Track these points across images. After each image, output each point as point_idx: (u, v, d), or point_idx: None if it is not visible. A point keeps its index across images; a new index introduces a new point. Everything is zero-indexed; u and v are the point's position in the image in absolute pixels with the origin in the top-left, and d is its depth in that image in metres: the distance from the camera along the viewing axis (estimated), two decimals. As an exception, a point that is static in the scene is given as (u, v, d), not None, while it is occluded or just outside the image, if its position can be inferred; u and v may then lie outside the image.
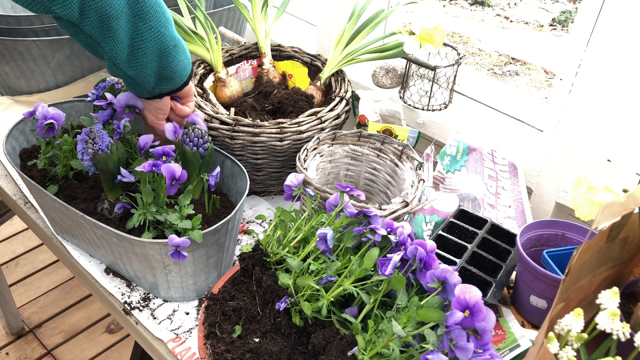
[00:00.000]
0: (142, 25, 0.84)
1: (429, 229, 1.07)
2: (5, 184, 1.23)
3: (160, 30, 0.86)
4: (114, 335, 2.01)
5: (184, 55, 0.93)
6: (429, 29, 1.18)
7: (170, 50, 0.89)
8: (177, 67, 0.92)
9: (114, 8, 0.80)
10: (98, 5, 0.78)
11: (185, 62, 0.94)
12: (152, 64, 0.88)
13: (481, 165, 1.19)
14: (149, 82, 0.91)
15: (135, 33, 0.84)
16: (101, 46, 0.84)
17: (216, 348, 0.75)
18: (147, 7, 0.83)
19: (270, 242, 0.85)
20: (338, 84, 1.24)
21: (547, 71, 3.70)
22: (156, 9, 0.85)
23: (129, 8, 0.82)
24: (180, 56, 0.91)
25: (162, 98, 0.96)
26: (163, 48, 0.88)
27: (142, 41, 0.85)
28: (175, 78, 0.93)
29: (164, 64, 0.89)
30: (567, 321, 0.58)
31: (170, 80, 0.93)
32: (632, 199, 0.62)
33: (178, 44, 0.90)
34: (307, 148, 1.05)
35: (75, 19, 0.79)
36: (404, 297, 0.74)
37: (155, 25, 0.85)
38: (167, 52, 0.88)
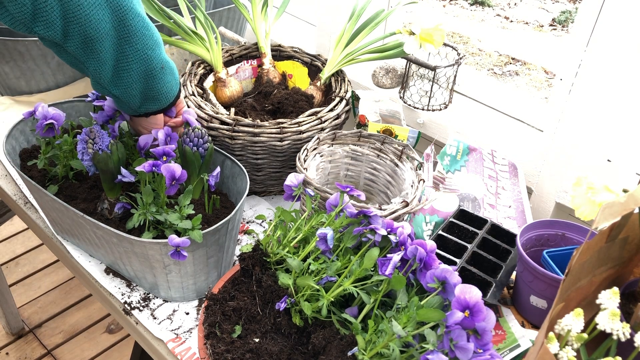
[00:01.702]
0: (128, 47, 0.82)
1: (429, 229, 1.07)
2: (5, 184, 1.23)
3: (147, 53, 0.85)
4: (114, 335, 2.01)
5: (172, 77, 0.91)
6: (429, 29, 1.18)
7: (157, 73, 0.88)
8: (164, 89, 0.91)
9: (98, 31, 0.78)
10: (82, 28, 0.77)
11: (172, 83, 0.93)
12: (138, 85, 0.88)
13: (481, 165, 1.19)
14: (134, 102, 0.90)
15: (121, 55, 0.83)
16: (85, 66, 0.83)
17: (216, 348, 0.75)
18: (133, 30, 0.81)
19: (270, 242, 0.85)
20: (338, 84, 1.24)
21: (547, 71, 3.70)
22: (143, 32, 0.83)
23: (115, 31, 0.80)
24: (167, 77, 0.90)
25: (148, 117, 0.95)
26: (149, 70, 0.86)
27: (127, 63, 0.84)
28: (162, 99, 0.92)
29: (149, 85, 0.89)
30: (567, 321, 0.58)
31: (156, 101, 0.92)
32: (632, 199, 0.62)
33: (165, 65, 0.89)
34: (307, 148, 1.05)
35: (58, 40, 0.78)
36: (404, 297, 0.74)
37: (141, 48, 0.84)
38: (153, 74, 0.87)
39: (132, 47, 0.83)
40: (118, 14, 0.79)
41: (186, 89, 1.17)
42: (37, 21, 0.75)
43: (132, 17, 0.81)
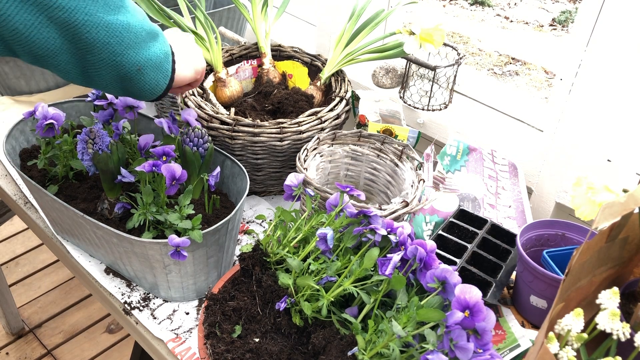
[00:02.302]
0: (91, 57, 0.75)
1: (429, 229, 1.07)
2: (5, 184, 1.23)
3: (116, 59, 0.77)
4: (114, 335, 2.01)
5: (154, 74, 0.83)
6: (429, 29, 1.18)
7: (133, 75, 0.80)
8: (144, 87, 0.83)
9: (47, 49, 0.71)
10: (26, 48, 0.71)
11: (156, 80, 0.84)
12: (114, 85, 0.81)
13: (481, 165, 1.19)
14: (121, 95, 0.85)
15: (86, 62, 0.76)
16: (51, 71, 0.77)
17: (216, 348, 0.75)
18: (93, 42, 0.73)
19: (270, 242, 0.85)
20: (338, 84, 1.24)
21: (547, 71, 3.70)
22: (107, 40, 0.75)
23: (71, 44, 0.72)
24: (147, 77, 0.82)
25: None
26: (123, 74, 0.79)
27: (95, 69, 0.77)
28: (145, 96, 0.85)
29: (127, 86, 0.82)
30: (567, 321, 0.58)
31: (141, 97, 0.86)
32: (632, 199, 0.62)
33: (144, 66, 0.80)
34: (307, 148, 1.05)
35: (7, 55, 0.73)
36: (404, 297, 0.74)
37: (107, 56, 0.76)
38: (128, 77, 0.80)
39: (96, 56, 0.75)
40: (67, 31, 0.71)
41: (186, 89, 1.17)
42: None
43: (88, 30, 0.72)
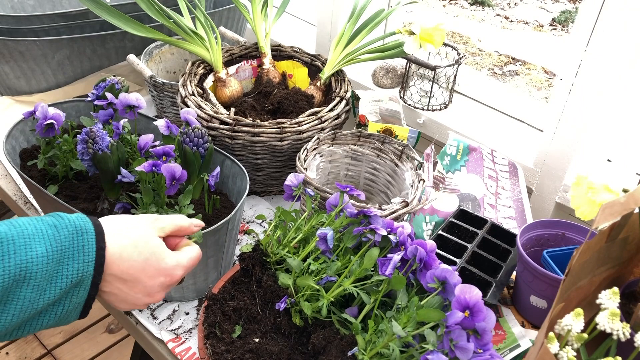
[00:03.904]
0: None
1: (429, 229, 1.07)
2: (5, 184, 1.23)
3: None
4: (114, 335, 2.00)
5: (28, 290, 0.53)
6: (429, 29, 1.18)
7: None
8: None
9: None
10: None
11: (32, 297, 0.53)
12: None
13: (481, 165, 1.19)
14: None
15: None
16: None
17: (216, 348, 0.75)
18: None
19: (270, 242, 0.85)
20: (338, 84, 1.24)
21: (547, 71, 3.70)
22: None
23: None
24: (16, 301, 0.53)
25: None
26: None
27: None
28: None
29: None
30: (567, 321, 0.58)
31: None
32: (632, 199, 0.62)
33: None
34: (307, 148, 1.05)
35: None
36: (404, 297, 0.74)
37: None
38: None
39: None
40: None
41: (186, 89, 1.17)
42: None
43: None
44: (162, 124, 0.97)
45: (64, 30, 1.39)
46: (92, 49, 1.40)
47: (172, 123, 1.00)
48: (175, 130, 1.00)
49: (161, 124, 0.97)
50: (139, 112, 1.07)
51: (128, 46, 1.45)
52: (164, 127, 0.97)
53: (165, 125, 0.98)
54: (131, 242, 0.60)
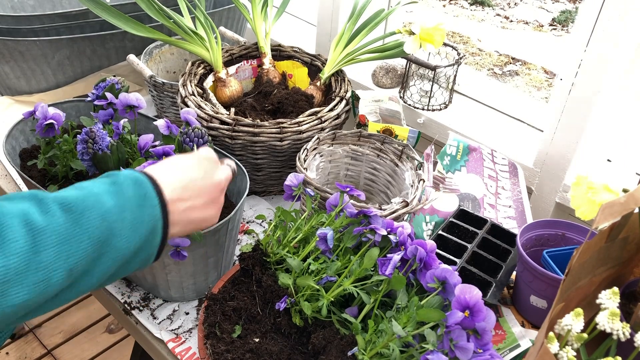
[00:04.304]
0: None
1: (429, 229, 1.07)
2: (5, 184, 1.23)
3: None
4: (114, 335, 2.00)
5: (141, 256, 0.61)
6: (429, 29, 1.18)
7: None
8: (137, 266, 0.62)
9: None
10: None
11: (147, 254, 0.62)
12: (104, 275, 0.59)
13: (481, 165, 1.19)
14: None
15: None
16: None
17: (216, 348, 0.75)
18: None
19: (270, 242, 0.85)
20: (338, 84, 1.24)
21: (547, 71, 3.70)
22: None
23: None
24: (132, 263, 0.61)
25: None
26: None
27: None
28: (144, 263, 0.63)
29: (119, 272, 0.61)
30: (567, 321, 0.58)
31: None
32: (632, 199, 0.62)
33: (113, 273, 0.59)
34: (307, 148, 1.05)
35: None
36: (404, 297, 0.74)
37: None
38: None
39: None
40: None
41: (186, 89, 1.17)
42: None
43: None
44: (162, 124, 0.97)
45: (64, 30, 1.39)
46: (92, 49, 1.40)
47: (172, 123, 1.00)
48: (175, 130, 1.00)
49: (161, 124, 0.97)
50: (139, 112, 1.07)
51: (128, 46, 1.45)
52: (164, 127, 0.97)
53: (165, 125, 0.98)
54: (178, 173, 0.66)
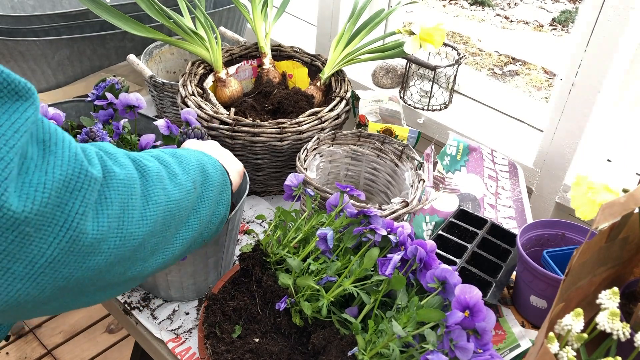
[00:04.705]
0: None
1: (429, 229, 1.07)
2: (5, 184, 1.23)
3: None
4: (114, 335, 2.01)
5: (221, 199, 0.75)
6: (429, 29, 1.18)
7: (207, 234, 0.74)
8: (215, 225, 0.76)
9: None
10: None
11: (224, 205, 0.77)
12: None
13: (481, 165, 1.19)
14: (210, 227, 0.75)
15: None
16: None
17: (216, 348, 0.75)
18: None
19: (270, 242, 0.85)
20: (338, 84, 1.24)
21: (547, 71, 3.70)
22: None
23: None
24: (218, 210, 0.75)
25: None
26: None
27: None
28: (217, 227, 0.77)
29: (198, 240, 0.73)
30: (567, 321, 0.58)
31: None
32: (632, 199, 0.62)
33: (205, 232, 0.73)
34: (307, 148, 1.05)
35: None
36: (404, 297, 0.74)
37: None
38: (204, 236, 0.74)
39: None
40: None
41: (186, 89, 1.17)
42: None
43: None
44: (162, 124, 0.97)
45: (64, 30, 1.39)
46: (92, 49, 1.40)
47: (172, 123, 1.00)
48: (175, 130, 1.00)
49: (161, 124, 0.97)
50: (139, 112, 1.07)
51: (128, 46, 1.45)
52: (164, 127, 0.97)
53: (165, 125, 0.98)
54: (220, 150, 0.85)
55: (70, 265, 0.50)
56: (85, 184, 0.49)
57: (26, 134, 0.46)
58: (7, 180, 0.43)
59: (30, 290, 0.48)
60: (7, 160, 0.44)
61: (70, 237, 0.48)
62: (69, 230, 0.48)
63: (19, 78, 0.45)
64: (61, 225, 0.48)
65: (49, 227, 0.47)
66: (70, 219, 0.48)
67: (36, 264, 0.47)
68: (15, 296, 0.48)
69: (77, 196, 0.49)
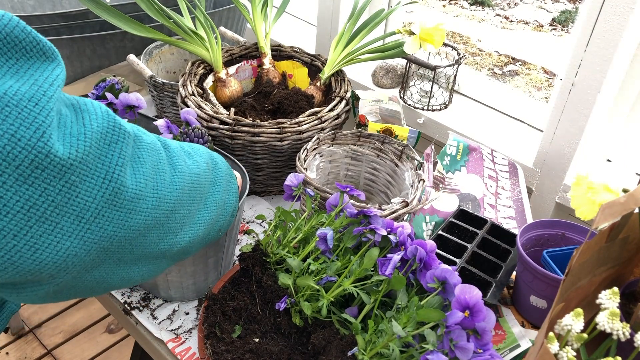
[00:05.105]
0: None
1: (429, 229, 1.07)
2: (5, 184, 1.23)
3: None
4: (114, 335, 2.01)
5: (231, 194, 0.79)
6: (429, 29, 1.18)
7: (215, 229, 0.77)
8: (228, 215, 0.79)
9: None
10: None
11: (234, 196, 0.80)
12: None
13: (481, 165, 1.19)
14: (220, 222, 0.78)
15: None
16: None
17: (216, 348, 0.75)
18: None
19: (270, 242, 0.85)
20: (338, 84, 1.24)
21: (547, 71, 3.70)
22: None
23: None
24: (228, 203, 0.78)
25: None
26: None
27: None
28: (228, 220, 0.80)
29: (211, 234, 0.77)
30: (567, 321, 0.58)
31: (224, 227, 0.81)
32: (632, 199, 0.62)
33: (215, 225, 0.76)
34: (307, 148, 1.05)
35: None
36: (404, 297, 0.74)
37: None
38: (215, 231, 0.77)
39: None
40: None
41: (186, 89, 1.17)
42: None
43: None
44: (162, 124, 0.97)
45: (64, 30, 1.38)
46: (92, 49, 1.40)
47: (172, 123, 1.00)
48: (176, 130, 1.00)
49: (161, 124, 0.97)
50: (139, 112, 1.07)
51: (128, 46, 1.45)
52: (164, 127, 0.97)
53: (165, 125, 0.98)
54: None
55: (113, 222, 0.52)
56: (121, 137, 0.52)
57: (59, 90, 0.48)
58: (50, 128, 0.45)
59: (78, 250, 0.50)
60: (47, 109, 0.45)
61: (113, 189, 0.50)
62: (110, 182, 0.50)
63: (45, 39, 0.48)
64: (103, 177, 0.50)
65: (93, 178, 0.49)
66: (111, 171, 0.50)
67: (83, 218, 0.49)
68: (64, 256, 0.49)
69: (114, 148, 0.51)
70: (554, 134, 1.13)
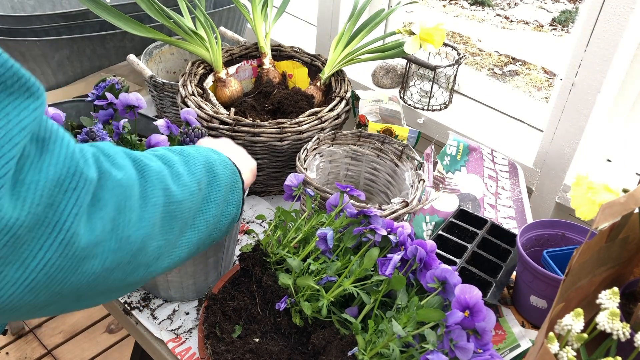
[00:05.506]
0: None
1: (429, 229, 1.07)
2: (5, 184, 1.23)
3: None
4: (114, 335, 2.01)
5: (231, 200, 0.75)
6: (429, 29, 1.18)
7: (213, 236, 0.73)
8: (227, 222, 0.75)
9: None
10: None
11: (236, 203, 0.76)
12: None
13: (481, 165, 1.19)
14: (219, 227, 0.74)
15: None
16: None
17: (216, 348, 0.75)
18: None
19: (270, 242, 0.85)
20: (338, 84, 1.24)
21: (547, 71, 3.70)
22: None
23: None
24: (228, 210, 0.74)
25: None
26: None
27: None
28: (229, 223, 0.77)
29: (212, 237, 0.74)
30: (567, 321, 0.58)
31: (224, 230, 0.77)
32: (632, 199, 0.62)
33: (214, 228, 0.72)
34: (307, 148, 1.05)
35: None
36: (404, 297, 0.74)
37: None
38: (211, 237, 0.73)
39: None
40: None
41: (186, 89, 1.17)
42: None
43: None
44: (162, 124, 0.97)
45: (64, 30, 1.39)
46: (92, 49, 1.40)
47: (172, 123, 1.00)
48: (176, 130, 1.00)
49: (161, 124, 0.97)
50: (139, 112, 1.07)
51: (128, 46, 1.45)
52: (164, 127, 0.97)
53: (165, 125, 0.98)
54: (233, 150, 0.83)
55: (64, 270, 0.48)
56: (79, 184, 0.48)
57: (30, 133, 0.45)
58: (3, 189, 0.42)
59: (23, 296, 0.47)
60: (7, 157, 0.42)
61: (63, 239, 0.47)
62: (61, 232, 0.47)
63: (29, 75, 0.45)
64: (53, 227, 0.46)
65: (41, 228, 0.46)
66: (62, 220, 0.47)
67: (28, 267, 0.46)
68: (7, 301, 0.46)
69: (70, 196, 0.47)
70: (554, 134, 1.13)
